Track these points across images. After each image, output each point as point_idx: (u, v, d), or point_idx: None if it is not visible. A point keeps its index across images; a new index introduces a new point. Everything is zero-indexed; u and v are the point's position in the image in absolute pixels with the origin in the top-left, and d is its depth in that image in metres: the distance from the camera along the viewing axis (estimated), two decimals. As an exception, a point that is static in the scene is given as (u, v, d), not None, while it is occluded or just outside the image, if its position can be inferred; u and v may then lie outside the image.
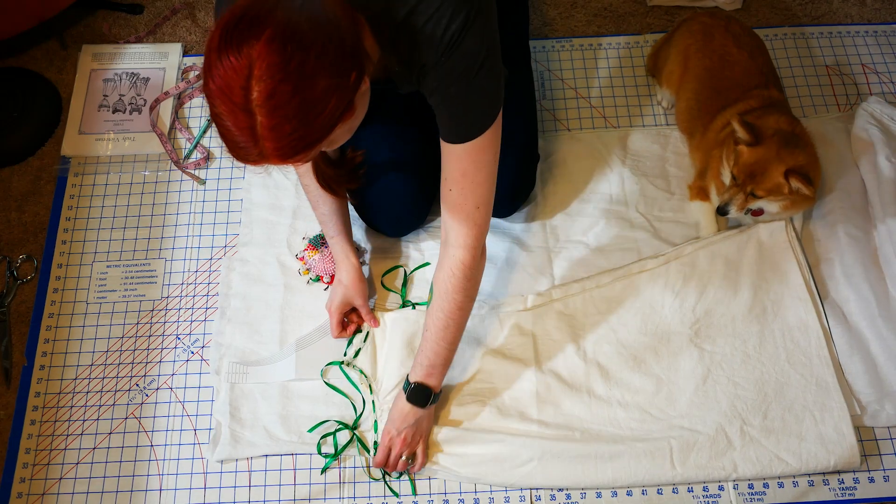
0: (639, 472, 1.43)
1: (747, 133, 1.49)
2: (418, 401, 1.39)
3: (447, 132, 1.22)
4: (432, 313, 1.36)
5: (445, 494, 1.45)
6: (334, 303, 1.54)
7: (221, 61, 0.93)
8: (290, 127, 0.95)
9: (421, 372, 1.39)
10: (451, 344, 1.38)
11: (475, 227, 1.29)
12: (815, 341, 1.54)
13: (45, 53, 1.96)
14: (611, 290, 1.60)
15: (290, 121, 0.95)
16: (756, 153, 1.49)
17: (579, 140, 1.81)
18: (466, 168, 1.24)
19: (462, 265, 1.30)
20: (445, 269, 1.32)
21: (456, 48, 1.12)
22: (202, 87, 0.97)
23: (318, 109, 0.97)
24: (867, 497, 1.44)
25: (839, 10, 2.03)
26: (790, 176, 1.47)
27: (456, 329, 1.37)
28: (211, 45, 0.95)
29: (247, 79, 0.93)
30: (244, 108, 0.94)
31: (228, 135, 0.97)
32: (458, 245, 1.30)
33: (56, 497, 1.46)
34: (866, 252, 1.62)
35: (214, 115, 0.97)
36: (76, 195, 1.76)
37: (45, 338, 1.61)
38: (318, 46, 0.95)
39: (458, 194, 1.26)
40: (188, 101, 1.89)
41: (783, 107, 1.64)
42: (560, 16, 2.02)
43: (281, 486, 1.46)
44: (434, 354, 1.37)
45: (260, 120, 0.94)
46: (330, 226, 1.53)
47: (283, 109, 0.94)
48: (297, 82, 0.94)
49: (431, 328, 1.36)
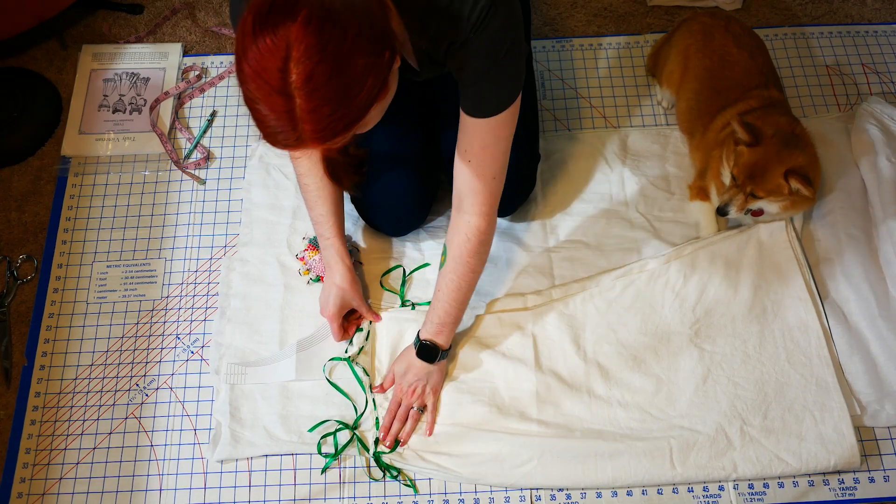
0: (639, 472, 1.43)
1: (747, 134, 1.49)
2: (428, 357, 1.45)
3: (471, 106, 1.25)
4: (445, 275, 1.41)
5: (445, 494, 1.45)
6: (331, 308, 1.52)
7: (257, 44, 0.92)
8: (329, 109, 0.95)
9: (431, 329, 1.44)
10: (461, 304, 1.44)
11: (490, 196, 1.34)
12: (815, 341, 1.54)
13: (45, 53, 1.96)
14: (611, 290, 1.60)
15: (329, 102, 0.94)
16: (756, 154, 1.49)
17: (579, 140, 1.81)
18: (487, 141, 1.28)
19: (478, 230, 1.36)
20: (461, 233, 1.37)
21: (484, 26, 1.14)
22: (235, 71, 0.96)
23: (356, 90, 0.97)
24: (867, 497, 1.44)
25: (839, 10, 2.03)
26: (790, 177, 1.47)
27: (467, 290, 1.42)
28: (244, 28, 0.94)
29: (284, 60, 0.92)
30: (282, 91, 0.93)
31: (265, 120, 0.96)
32: (474, 212, 1.35)
33: (56, 497, 1.46)
34: (866, 252, 1.62)
35: (248, 99, 0.96)
36: (76, 195, 1.76)
37: (45, 338, 1.61)
38: (355, 26, 0.95)
39: (477, 165, 1.30)
40: (188, 101, 1.89)
41: (783, 107, 1.64)
42: (560, 16, 2.02)
43: (281, 486, 1.46)
44: (445, 314, 1.43)
45: (298, 103, 0.93)
46: (326, 227, 1.52)
47: (322, 91, 0.93)
48: (336, 63, 0.93)
49: (444, 289, 1.41)
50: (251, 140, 1.83)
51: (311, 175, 1.46)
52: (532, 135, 1.66)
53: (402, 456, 1.46)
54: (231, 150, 1.82)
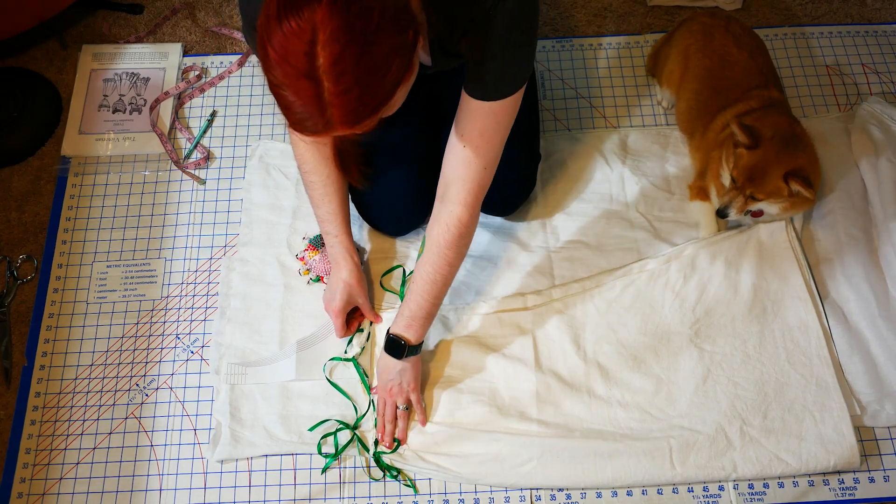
0: (638, 472, 1.43)
1: (746, 136, 1.48)
2: (394, 352, 1.42)
3: (476, 88, 1.23)
4: (422, 266, 1.37)
5: (445, 494, 1.45)
6: (337, 303, 1.52)
7: (282, 28, 0.90)
8: (358, 91, 0.94)
9: (402, 323, 1.41)
10: (435, 298, 1.39)
11: (478, 187, 1.31)
12: (815, 341, 1.54)
13: (45, 53, 1.96)
14: (611, 290, 1.60)
15: (357, 85, 0.93)
16: (755, 156, 1.49)
17: (579, 140, 1.81)
18: (486, 126, 1.26)
19: (459, 222, 1.32)
20: (441, 224, 1.34)
21: (501, 6, 1.13)
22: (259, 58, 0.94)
23: (383, 70, 0.95)
24: (867, 497, 1.44)
25: (839, 10, 2.03)
26: (790, 179, 1.47)
27: (443, 284, 1.38)
28: (269, 11, 0.92)
29: (310, 44, 0.90)
30: (309, 75, 0.91)
31: (291, 106, 0.95)
32: (458, 202, 1.32)
33: (56, 497, 1.46)
34: (866, 252, 1.62)
35: (274, 86, 0.95)
36: (76, 195, 1.76)
37: (45, 338, 1.61)
38: (379, 6, 0.93)
39: (471, 152, 1.27)
40: (188, 101, 1.89)
41: (783, 107, 1.64)
42: (560, 16, 2.02)
43: (281, 486, 1.46)
44: (417, 307, 1.39)
45: (327, 86, 0.92)
46: (334, 224, 1.51)
47: (351, 74, 0.92)
48: (363, 44, 0.92)
49: (418, 281, 1.38)
50: (251, 140, 1.83)
51: (317, 172, 1.46)
52: (533, 134, 1.66)
53: (403, 456, 1.46)
54: (231, 150, 1.82)
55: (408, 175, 1.59)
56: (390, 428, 1.46)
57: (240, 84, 1.91)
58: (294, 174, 1.74)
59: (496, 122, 1.26)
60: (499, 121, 1.26)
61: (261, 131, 1.84)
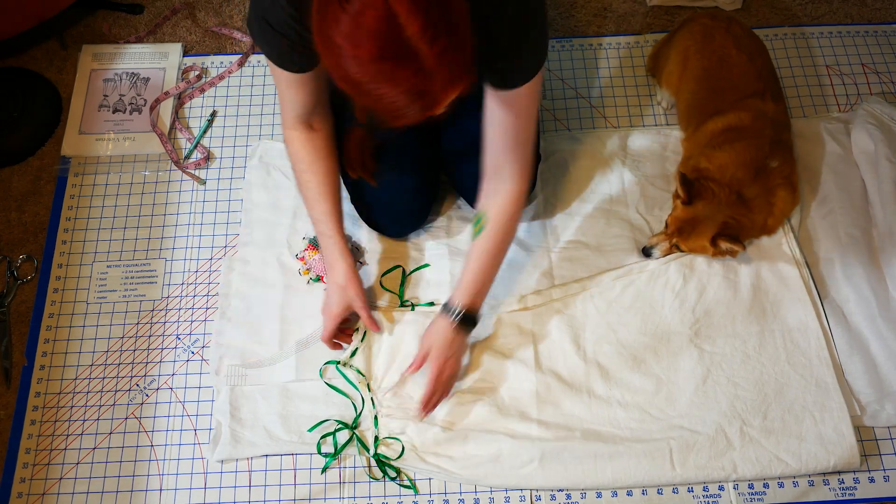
0: (638, 473, 1.43)
1: (684, 192, 1.53)
2: (468, 324, 1.43)
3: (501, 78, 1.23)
4: (483, 243, 1.40)
5: (445, 494, 1.45)
6: (334, 307, 1.48)
7: (346, 10, 0.85)
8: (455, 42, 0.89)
9: (469, 297, 1.42)
10: (496, 269, 1.45)
11: (529, 160, 1.38)
12: (814, 342, 1.54)
13: (45, 53, 1.96)
14: (611, 290, 1.60)
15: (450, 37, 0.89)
16: (688, 212, 1.54)
17: (579, 140, 1.81)
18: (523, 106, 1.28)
19: (521, 195, 1.39)
20: (501, 199, 1.38)
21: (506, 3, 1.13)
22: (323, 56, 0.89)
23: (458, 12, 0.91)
24: (867, 497, 1.44)
25: (839, 10, 2.03)
26: (719, 240, 1.51)
27: (503, 256, 1.44)
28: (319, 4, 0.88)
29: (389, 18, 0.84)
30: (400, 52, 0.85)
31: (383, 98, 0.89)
32: (515, 178, 1.37)
33: (56, 497, 1.46)
34: (866, 252, 1.62)
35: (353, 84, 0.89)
36: (76, 195, 1.76)
37: (45, 338, 1.61)
38: None
39: (515, 134, 1.32)
40: (188, 101, 1.89)
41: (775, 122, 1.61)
42: (560, 16, 2.02)
43: (281, 486, 1.46)
44: (485, 278, 1.43)
45: (426, 53, 0.87)
46: (327, 225, 1.47)
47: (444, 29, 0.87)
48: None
49: (483, 255, 1.41)
50: (251, 140, 1.83)
51: (313, 171, 1.44)
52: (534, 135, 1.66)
53: (403, 457, 1.46)
54: (231, 150, 1.82)
55: (408, 176, 1.58)
56: (438, 397, 1.46)
57: (240, 84, 1.91)
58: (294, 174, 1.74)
59: (533, 98, 1.29)
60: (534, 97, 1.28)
61: (261, 131, 1.84)
